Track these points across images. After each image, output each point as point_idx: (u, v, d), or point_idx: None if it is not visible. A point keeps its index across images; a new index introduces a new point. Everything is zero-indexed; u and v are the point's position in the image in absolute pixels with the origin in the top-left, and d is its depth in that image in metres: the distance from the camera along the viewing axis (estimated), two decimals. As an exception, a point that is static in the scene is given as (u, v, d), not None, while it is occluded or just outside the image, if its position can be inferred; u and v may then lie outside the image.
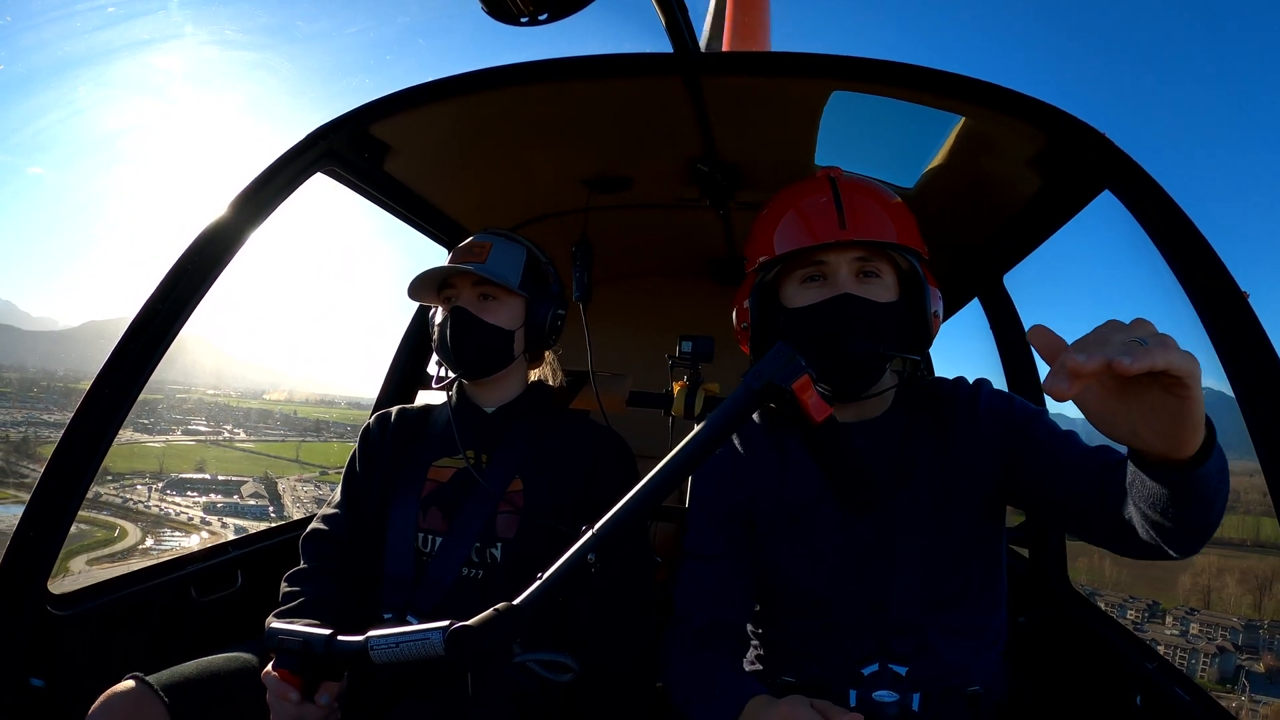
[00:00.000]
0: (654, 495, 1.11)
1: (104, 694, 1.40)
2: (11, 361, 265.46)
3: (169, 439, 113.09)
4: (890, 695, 1.41)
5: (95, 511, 77.05)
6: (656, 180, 2.65)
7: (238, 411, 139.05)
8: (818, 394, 1.13)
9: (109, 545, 67.44)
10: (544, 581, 1.05)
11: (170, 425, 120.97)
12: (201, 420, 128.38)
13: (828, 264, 1.46)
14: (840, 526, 1.49)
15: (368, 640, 1.09)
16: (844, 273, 1.45)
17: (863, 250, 1.45)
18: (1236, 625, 61.47)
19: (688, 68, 1.83)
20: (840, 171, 1.55)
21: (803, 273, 1.49)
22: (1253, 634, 60.91)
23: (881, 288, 1.46)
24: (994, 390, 1.57)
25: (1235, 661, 59.07)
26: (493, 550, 1.71)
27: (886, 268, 1.48)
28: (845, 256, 1.45)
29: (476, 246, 1.84)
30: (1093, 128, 1.64)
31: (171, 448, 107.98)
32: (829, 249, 1.44)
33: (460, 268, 1.77)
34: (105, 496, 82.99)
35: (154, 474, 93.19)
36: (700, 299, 3.65)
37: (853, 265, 1.45)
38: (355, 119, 2.00)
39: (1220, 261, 1.43)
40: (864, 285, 1.45)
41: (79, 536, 66.08)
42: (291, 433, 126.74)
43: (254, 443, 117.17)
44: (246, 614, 2.10)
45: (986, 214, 2.34)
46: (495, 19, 1.57)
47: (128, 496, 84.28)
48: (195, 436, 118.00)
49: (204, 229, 1.80)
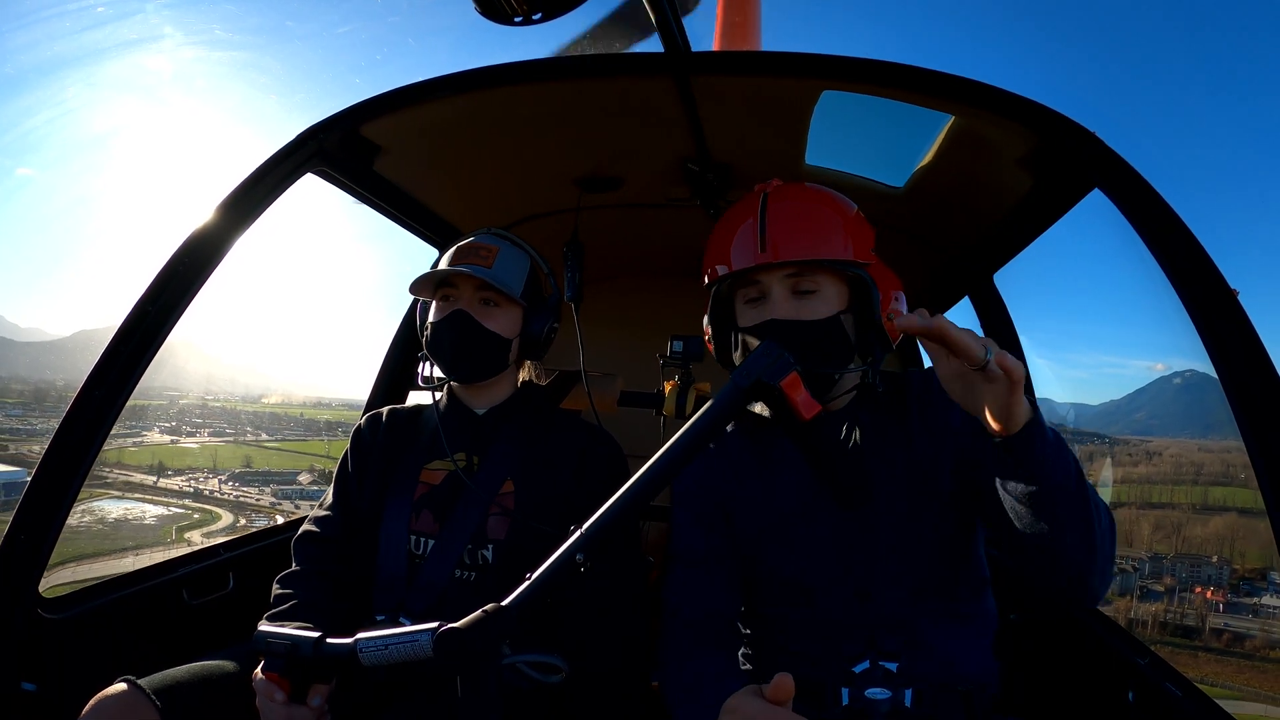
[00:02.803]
0: (643, 494, 1.11)
1: (95, 697, 1.39)
2: (8, 373, 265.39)
3: (201, 440, 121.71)
4: (883, 693, 1.41)
5: (189, 500, 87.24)
6: (648, 180, 2.65)
7: (248, 415, 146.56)
8: (806, 391, 1.14)
9: (212, 524, 74.90)
10: (533, 582, 1.05)
11: (194, 428, 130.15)
12: (222, 423, 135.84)
13: (762, 283, 1.48)
14: (825, 521, 1.49)
15: (356, 643, 1.09)
16: (776, 291, 1.46)
17: (793, 268, 1.45)
18: (1144, 557, 78.93)
19: (678, 67, 1.83)
20: (777, 186, 1.54)
21: (743, 293, 1.52)
22: (1158, 564, 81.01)
23: (819, 302, 1.46)
24: None
25: (1135, 581, 79.44)
26: (484, 552, 1.71)
27: (826, 279, 1.47)
28: (776, 275, 1.46)
29: (483, 249, 1.81)
30: (1082, 126, 1.65)
31: (205, 449, 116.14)
32: (760, 270, 1.46)
33: (466, 270, 1.75)
34: (183, 488, 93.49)
35: (209, 470, 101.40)
36: (691, 299, 3.64)
37: (784, 283, 1.46)
38: (345, 119, 2.00)
39: (1210, 259, 1.44)
40: (798, 303, 1.46)
41: (183, 518, 78.80)
42: (308, 433, 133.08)
43: (279, 442, 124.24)
44: (239, 616, 2.09)
45: (977, 213, 2.34)
46: (488, 19, 1.57)
47: (201, 488, 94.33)
48: (222, 438, 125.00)
49: (193, 231, 1.79)
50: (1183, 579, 72.70)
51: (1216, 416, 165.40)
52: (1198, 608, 68.13)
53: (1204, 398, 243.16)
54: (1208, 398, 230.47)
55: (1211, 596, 69.75)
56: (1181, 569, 73.25)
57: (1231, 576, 74.25)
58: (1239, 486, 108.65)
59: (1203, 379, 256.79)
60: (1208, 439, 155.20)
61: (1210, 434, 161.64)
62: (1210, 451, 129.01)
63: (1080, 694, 2.03)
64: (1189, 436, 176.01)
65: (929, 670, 1.43)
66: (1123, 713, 1.81)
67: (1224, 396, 1.36)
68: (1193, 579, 72.13)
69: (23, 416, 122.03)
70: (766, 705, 0.99)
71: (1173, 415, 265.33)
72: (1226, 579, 73.32)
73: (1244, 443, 1.35)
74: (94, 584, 1.83)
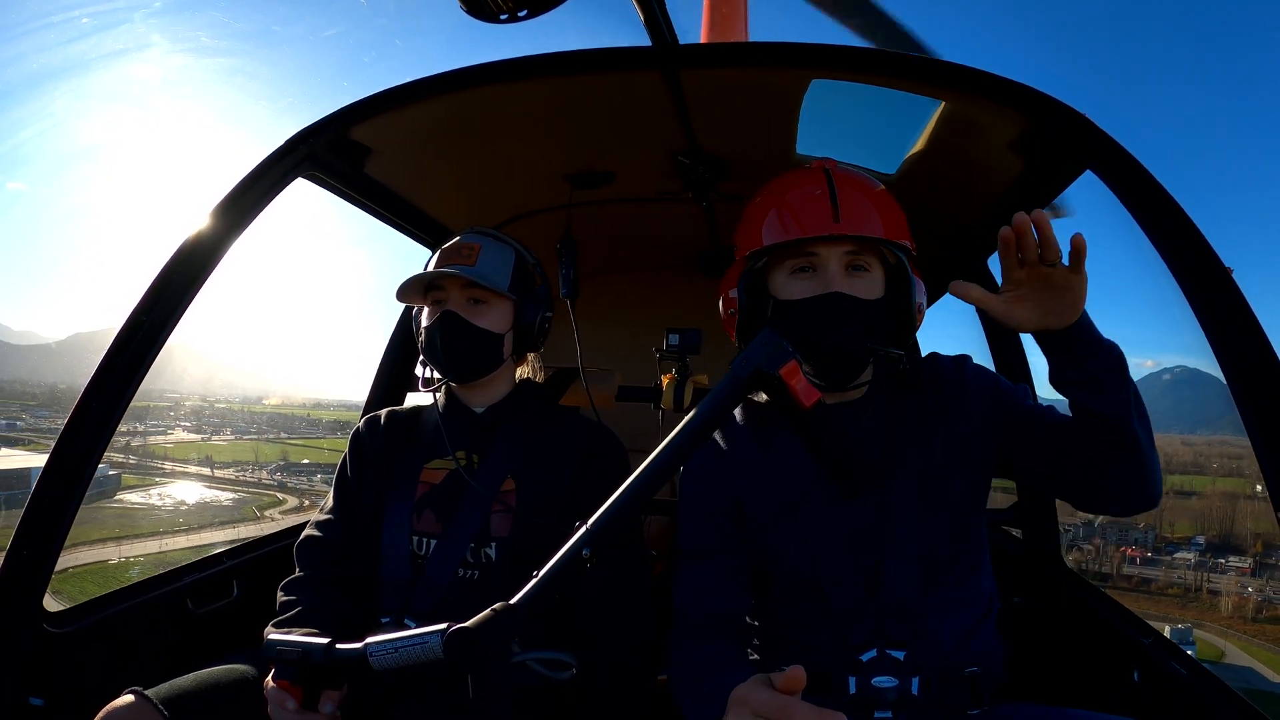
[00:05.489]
0: (646, 488, 1.11)
1: (103, 709, 1.39)
2: (10, 375, 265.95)
3: (228, 439, 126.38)
4: (890, 680, 1.42)
5: (254, 489, 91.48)
6: (639, 174, 2.65)
7: (264, 417, 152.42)
8: (805, 379, 1.14)
9: (282, 505, 79.75)
10: (540, 579, 1.05)
11: (215, 428, 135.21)
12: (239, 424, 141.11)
13: (818, 256, 1.46)
14: (832, 510, 1.49)
15: (366, 647, 1.09)
16: (834, 266, 1.45)
17: (853, 244, 1.45)
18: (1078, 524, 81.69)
19: (666, 61, 1.82)
20: (835, 164, 1.55)
21: (793, 263, 1.49)
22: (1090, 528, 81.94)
23: (870, 282, 1.47)
24: (978, 366, 1.61)
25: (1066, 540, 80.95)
26: (487, 550, 1.71)
27: (875, 261, 1.49)
28: (836, 250, 1.45)
29: (465, 248, 1.82)
30: (1073, 109, 1.65)
31: (236, 445, 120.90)
32: (821, 242, 1.45)
33: (450, 271, 1.76)
34: (238, 477, 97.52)
35: (255, 464, 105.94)
36: (686, 291, 3.65)
37: (843, 259, 1.46)
38: (335, 122, 1.99)
39: (1204, 238, 1.44)
40: (852, 280, 1.46)
41: (254, 500, 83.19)
42: (325, 433, 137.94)
43: (303, 440, 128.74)
44: (244, 624, 2.08)
45: (969, 198, 2.34)
46: (474, 17, 1.56)
47: (259, 477, 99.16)
48: (245, 436, 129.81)
49: (186, 238, 1.79)
50: (1112, 540, 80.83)
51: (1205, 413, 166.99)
52: (1115, 560, 78.14)
53: (1193, 394, 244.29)
54: (1197, 394, 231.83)
55: (1130, 553, 78.79)
56: (1112, 533, 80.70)
57: (1157, 541, 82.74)
58: (1195, 474, 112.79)
59: (1192, 375, 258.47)
60: (1194, 434, 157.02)
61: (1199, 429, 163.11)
62: (1191, 445, 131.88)
63: (1085, 675, 2.04)
64: (1177, 432, 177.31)
65: (935, 658, 1.43)
66: (1128, 692, 1.81)
67: (1212, 393, 1.36)
68: (1121, 541, 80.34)
69: (49, 418, 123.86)
70: (776, 695, 0.98)
71: (1162, 411, 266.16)
72: (1151, 541, 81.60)
73: (1241, 418, 1.35)
74: (97, 597, 1.82)
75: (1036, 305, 1.29)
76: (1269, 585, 71.47)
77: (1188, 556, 79.86)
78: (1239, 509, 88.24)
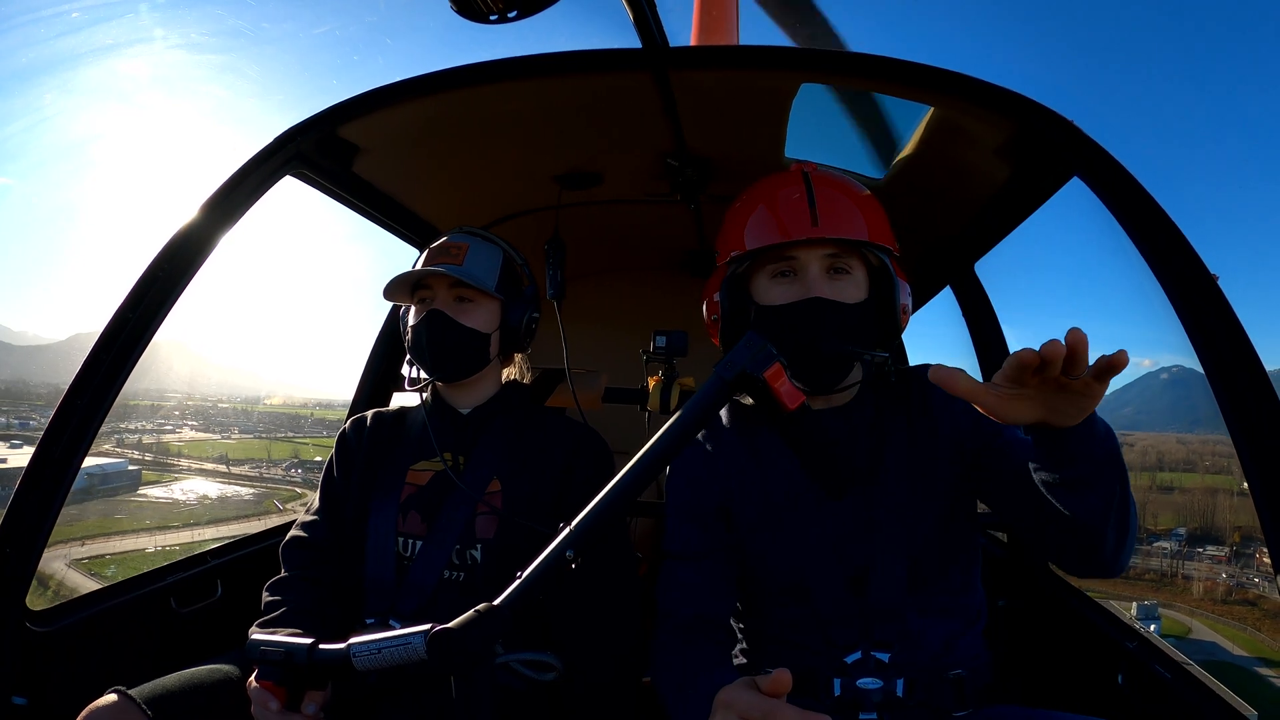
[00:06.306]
0: (630, 490, 1.11)
1: (86, 709, 1.38)
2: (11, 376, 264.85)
3: (237, 438, 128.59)
4: (874, 682, 1.43)
5: (272, 484, 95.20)
6: (627, 176, 2.65)
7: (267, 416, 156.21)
8: (790, 382, 1.14)
9: (300, 500, 79.13)
10: (523, 581, 1.05)
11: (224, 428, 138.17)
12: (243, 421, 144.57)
13: (798, 260, 1.46)
14: (819, 513, 1.50)
15: (350, 648, 1.08)
16: (814, 270, 1.45)
17: (834, 247, 1.45)
18: None
19: (656, 63, 1.82)
20: (814, 166, 1.55)
21: (773, 267, 1.49)
22: None
23: (851, 285, 1.47)
24: None
25: None
26: (473, 552, 1.71)
27: (857, 264, 1.49)
28: (816, 253, 1.45)
29: (453, 247, 1.82)
30: (1061, 115, 1.66)
31: (250, 443, 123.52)
32: (800, 245, 1.45)
33: (437, 270, 1.76)
34: (261, 473, 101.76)
35: (269, 461, 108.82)
36: (673, 293, 3.65)
37: (823, 262, 1.46)
38: (323, 121, 1.98)
39: (1189, 245, 1.45)
40: (834, 283, 1.46)
41: (273, 494, 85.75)
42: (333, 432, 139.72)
43: (311, 438, 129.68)
44: (228, 624, 2.08)
45: (957, 202, 2.35)
46: (464, 17, 1.56)
47: (280, 474, 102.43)
48: (253, 435, 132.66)
49: (173, 235, 1.78)
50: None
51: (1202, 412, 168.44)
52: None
53: (1190, 393, 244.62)
54: (1194, 393, 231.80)
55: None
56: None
57: (1140, 532, 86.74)
58: (1185, 472, 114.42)
59: (1189, 374, 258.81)
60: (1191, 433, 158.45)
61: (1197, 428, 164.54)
62: (1186, 444, 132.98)
63: (1070, 678, 2.05)
64: (1174, 431, 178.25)
65: (921, 659, 1.44)
66: (1113, 695, 1.83)
67: (1208, 393, 1.37)
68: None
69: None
70: (761, 697, 0.98)
71: (1159, 410, 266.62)
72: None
73: (1225, 421, 1.36)
74: (81, 596, 1.81)
75: (1040, 405, 1.08)
76: (1242, 572, 76.63)
77: (1166, 545, 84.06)
78: (1221, 503, 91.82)
